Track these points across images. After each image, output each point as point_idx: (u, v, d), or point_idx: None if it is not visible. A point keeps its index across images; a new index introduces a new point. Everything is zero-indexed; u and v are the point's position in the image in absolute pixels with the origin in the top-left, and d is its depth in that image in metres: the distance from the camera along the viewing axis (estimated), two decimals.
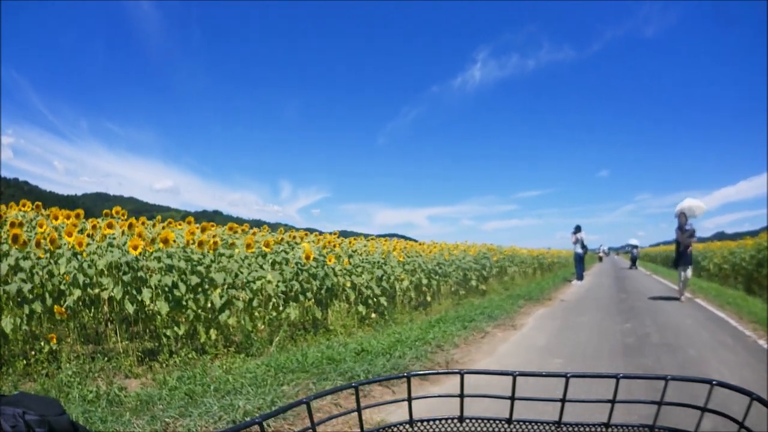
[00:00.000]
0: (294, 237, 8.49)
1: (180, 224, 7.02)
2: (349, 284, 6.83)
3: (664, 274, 17.96)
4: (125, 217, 6.90)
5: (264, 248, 5.69)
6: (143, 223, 7.69)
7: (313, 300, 5.99)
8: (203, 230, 6.51)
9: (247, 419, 0.56)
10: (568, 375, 0.56)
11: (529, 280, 16.26)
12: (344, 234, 10.74)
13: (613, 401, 0.56)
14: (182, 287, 4.79)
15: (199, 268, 5.30)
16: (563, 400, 0.57)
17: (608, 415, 0.56)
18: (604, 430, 0.56)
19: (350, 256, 7.46)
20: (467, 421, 0.59)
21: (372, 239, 10.70)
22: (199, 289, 4.97)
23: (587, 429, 0.57)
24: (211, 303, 4.93)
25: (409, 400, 0.59)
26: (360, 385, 0.56)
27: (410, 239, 13.43)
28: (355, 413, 0.57)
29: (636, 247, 26.29)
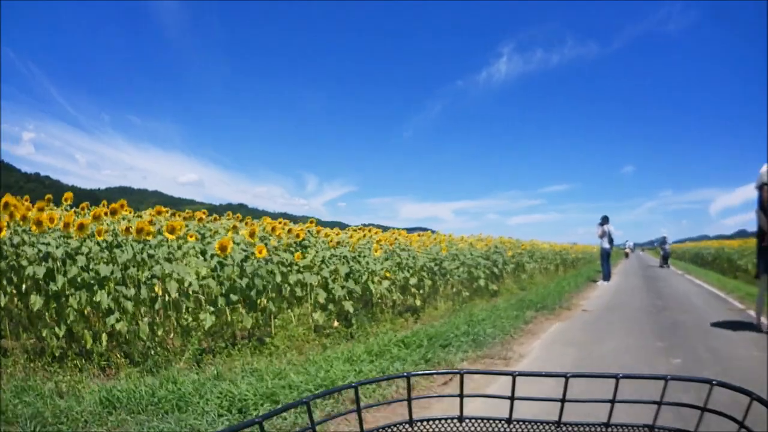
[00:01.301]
0: (251, 223, 7.02)
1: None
2: (316, 282, 5.36)
3: (698, 274, 15.83)
4: (68, 202, 5.94)
5: (167, 234, 4.17)
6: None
7: (241, 304, 4.47)
8: (113, 213, 5.10)
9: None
10: (568, 375, 0.55)
11: (550, 278, 14.50)
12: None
13: (613, 401, 0.55)
14: (60, 280, 3.89)
15: (79, 256, 4.06)
16: (563, 400, 0.56)
17: (608, 415, 0.55)
18: (604, 430, 0.56)
19: (304, 247, 5.95)
20: (467, 421, 0.58)
21: (356, 229, 9.18)
22: (83, 284, 3.97)
23: (587, 429, 0.56)
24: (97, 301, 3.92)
25: (409, 400, 0.58)
26: (360, 385, 0.55)
27: (435, 233, 12.26)
28: (355, 413, 0.56)
29: (666, 241, 21.99)
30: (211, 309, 4.18)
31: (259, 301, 4.64)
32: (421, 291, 7.92)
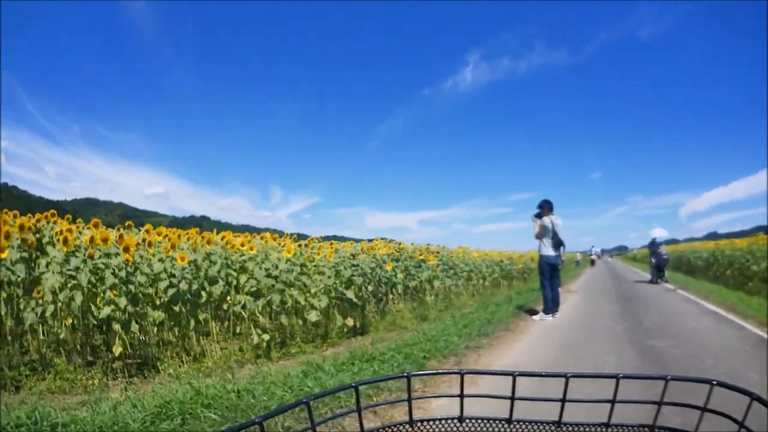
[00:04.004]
0: None
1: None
2: None
3: (700, 290, 10.24)
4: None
5: None
6: None
7: None
8: None
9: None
10: (568, 375, 0.54)
11: (482, 299, 9.58)
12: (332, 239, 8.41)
13: (613, 401, 0.54)
14: None
15: None
16: (563, 400, 0.55)
17: (608, 415, 0.55)
18: (604, 430, 0.55)
19: None
20: (467, 421, 0.58)
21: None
22: None
23: (587, 429, 0.56)
24: None
25: (409, 400, 0.58)
26: (360, 385, 0.54)
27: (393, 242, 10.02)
28: (355, 413, 0.55)
29: (657, 242, 13.44)
30: None
31: None
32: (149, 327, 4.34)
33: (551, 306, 6.82)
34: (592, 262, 32.22)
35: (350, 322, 6.04)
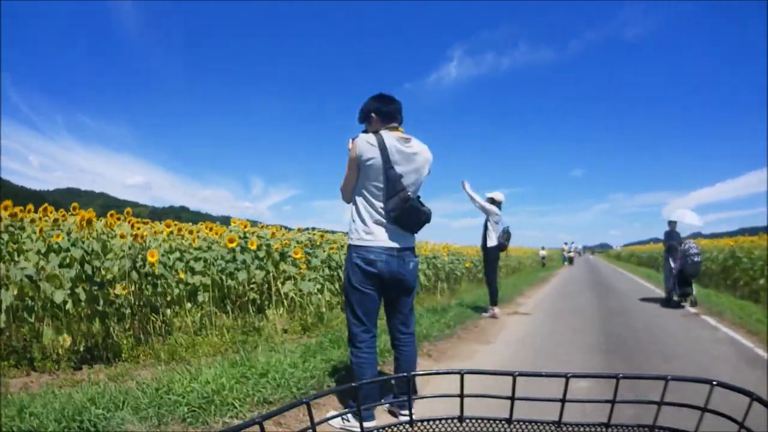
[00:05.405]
0: None
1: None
2: None
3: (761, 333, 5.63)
4: None
5: None
6: None
7: None
8: None
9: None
10: (568, 375, 0.53)
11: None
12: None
13: (613, 401, 0.53)
14: None
15: None
16: (563, 400, 0.54)
17: (608, 415, 0.54)
18: (604, 430, 0.54)
19: None
20: (467, 421, 0.57)
21: None
22: None
23: (587, 429, 0.55)
24: None
25: (409, 400, 0.56)
26: (360, 385, 0.53)
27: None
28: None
29: (678, 236, 7.99)
30: None
31: None
32: None
33: (372, 395, 2.21)
34: (570, 260, 29.26)
35: (66, 340, 3.68)
